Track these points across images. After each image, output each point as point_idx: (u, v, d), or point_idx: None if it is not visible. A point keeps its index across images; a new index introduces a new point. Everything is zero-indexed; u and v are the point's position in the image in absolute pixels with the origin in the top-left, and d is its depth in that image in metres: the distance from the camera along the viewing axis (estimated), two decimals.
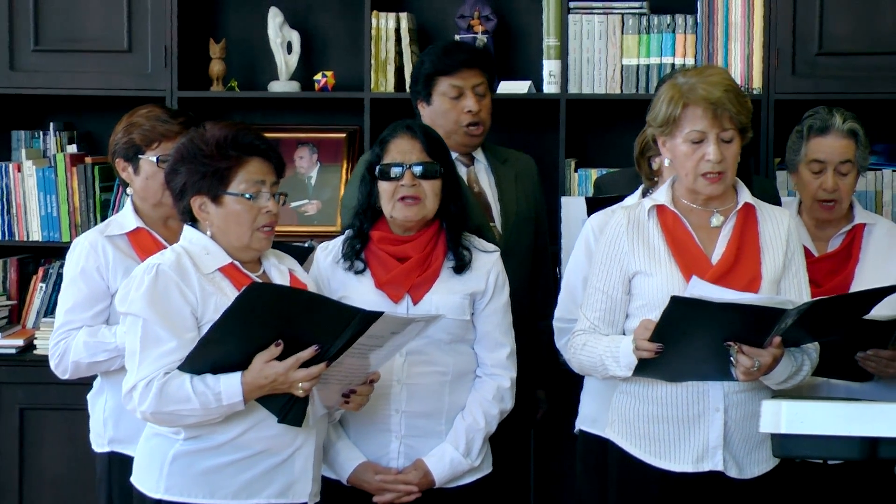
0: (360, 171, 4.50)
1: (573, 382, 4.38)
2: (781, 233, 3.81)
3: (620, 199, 4.32)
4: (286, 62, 5.71)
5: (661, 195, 3.83)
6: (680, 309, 3.53)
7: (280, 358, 3.51)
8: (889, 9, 5.17)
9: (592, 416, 4.26)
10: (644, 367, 3.67)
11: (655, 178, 4.20)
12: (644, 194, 4.21)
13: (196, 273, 3.59)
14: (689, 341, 3.61)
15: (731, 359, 3.62)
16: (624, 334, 3.79)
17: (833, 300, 3.79)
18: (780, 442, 3.50)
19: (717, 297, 3.54)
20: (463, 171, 4.64)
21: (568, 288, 4.24)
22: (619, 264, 3.79)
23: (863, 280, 4.18)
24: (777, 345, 3.61)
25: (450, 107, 4.58)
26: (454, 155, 4.61)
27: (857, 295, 3.90)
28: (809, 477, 4.06)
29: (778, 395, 3.72)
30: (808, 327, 3.68)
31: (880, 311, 3.93)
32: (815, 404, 3.52)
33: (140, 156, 4.20)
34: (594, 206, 4.39)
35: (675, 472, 3.76)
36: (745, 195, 3.82)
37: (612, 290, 3.80)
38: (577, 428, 4.36)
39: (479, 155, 4.67)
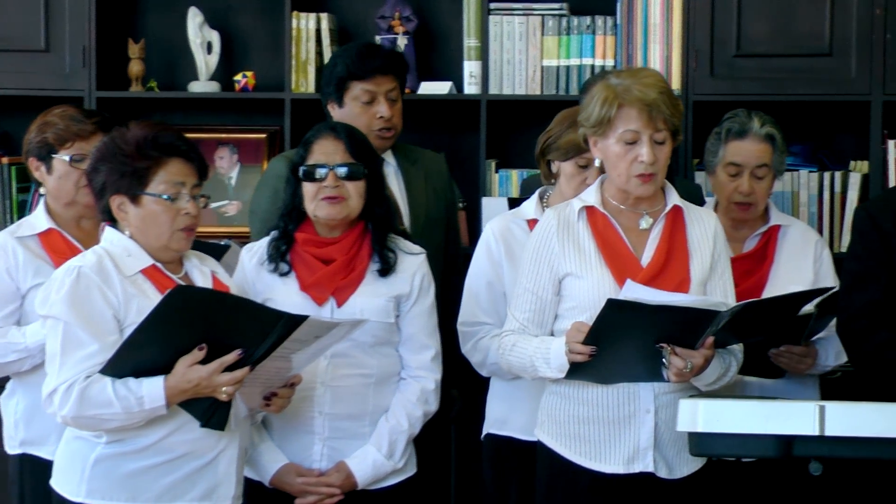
0: (269, 178, 4.52)
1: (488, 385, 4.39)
2: (709, 234, 3.83)
3: None
4: (206, 62, 5.69)
5: (591, 196, 3.82)
6: (615, 312, 3.54)
7: (204, 362, 3.50)
8: (805, 11, 5.22)
9: (501, 419, 4.25)
10: (575, 370, 3.67)
11: (553, 181, 4.20)
12: (541, 197, 4.22)
13: (118, 275, 3.55)
14: (622, 343, 3.62)
15: (664, 360, 3.63)
16: (553, 335, 3.79)
17: (764, 302, 3.83)
18: (697, 440, 3.52)
19: (652, 299, 3.55)
20: None
21: (471, 292, 4.22)
22: (549, 265, 3.79)
23: (777, 281, 4.23)
24: (709, 346, 3.63)
25: (361, 112, 4.54)
26: None
27: (788, 297, 3.94)
28: (737, 475, 4.09)
29: (695, 394, 3.74)
30: (735, 329, 3.71)
31: None
32: (731, 403, 3.54)
33: (53, 155, 4.18)
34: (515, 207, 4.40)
35: (605, 473, 3.76)
36: (674, 197, 3.83)
37: (541, 291, 3.80)
38: (484, 433, 4.34)
39: (388, 157, 4.63)
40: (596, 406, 3.76)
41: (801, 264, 4.29)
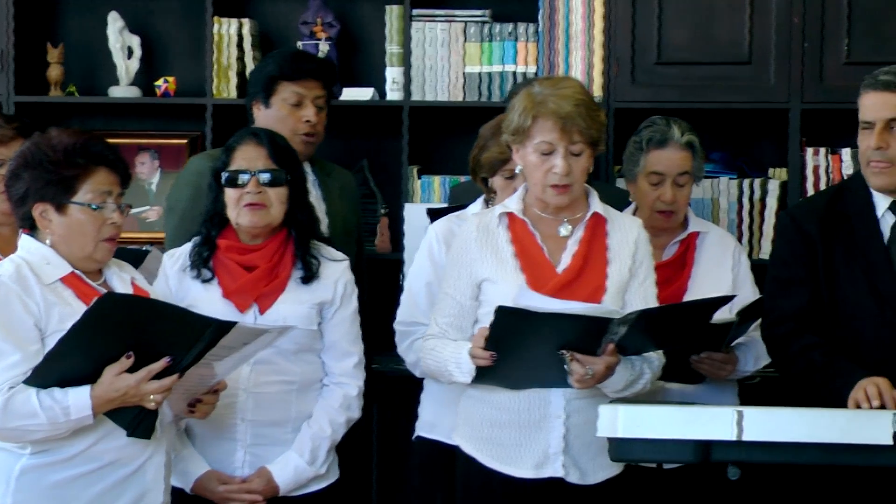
0: (188, 174, 4.50)
1: (415, 389, 4.39)
2: (630, 241, 3.84)
3: (461, 209, 4.33)
4: (127, 67, 5.66)
5: (513, 202, 3.84)
6: (506, 318, 3.55)
7: (131, 370, 3.47)
8: (724, 19, 5.26)
9: (432, 422, 4.27)
10: (484, 375, 3.69)
11: (493, 195, 4.22)
12: (486, 203, 4.23)
13: (38, 284, 3.52)
14: (523, 350, 3.63)
15: (566, 367, 3.65)
16: None
17: (665, 310, 3.84)
18: (617, 446, 3.54)
19: (543, 307, 3.57)
20: None
21: (410, 292, 4.24)
22: (468, 270, 3.80)
23: (696, 288, 4.25)
24: (610, 352, 3.64)
25: (288, 113, 4.54)
26: None
27: (691, 305, 3.96)
28: (652, 482, 4.11)
29: (615, 399, 3.76)
30: (649, 335, 3.74)
31: (715, 314, 4.00)
32: (650, 408, 3.57)
33: None
34: (436, 217, 4.40)
35: (517, 478, 3.77)
36: (596, 204, 3.85)
37: (461, 296, 3.81)
38: (415, 435, 4.36)
39: (307, 168, 4.65)
40: (508, 410, 3.77)
41: (720, 270, 4.31)
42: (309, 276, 3.96)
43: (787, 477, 3.98)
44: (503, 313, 3.55)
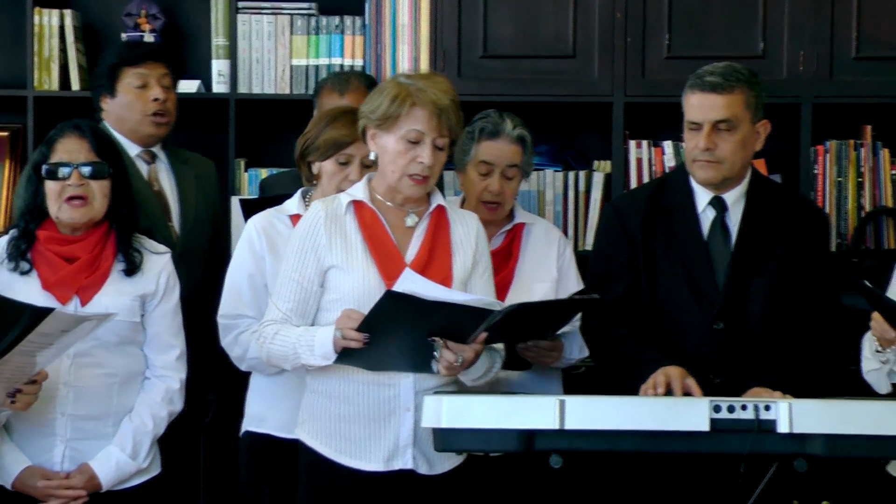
0: (28, 168, 4.43)
1: (244, 384, 4.37)
2: (471, 234, 3.90)
3: (275, 200, 4.31)
4: None
5: (359, 191, 3.85)
6: (393, 303, 3.55)
7: None
8: (549, 14, 5.32)
9: (260, 416, 4.24)
10: (345, 356, 3.68)
11: (315, 182, 4.21)
12: (304, 196, 4.23)
13: None
14: (395, 333, 3.63)
15: (435, 354, 3.67)
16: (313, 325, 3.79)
17: (536, 305, 3.88)
18: (442, 436, 3.56)
19: (429, 293, 3.57)
20: (144, 169, 4.63)
21: (232, 285, 4.20)
22: (315, 256, 3.79)
23: (522, 278, 4.31)
24: (481, 341, 3.68)
25: (135, 97, 4.57)
26: (136, 151, 4.59)
27: (559, 302, 4.03)
28: (497, 470, 4.14)
29: (439, 390, 3.78)
30: (512, 327, 3.77)
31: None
32: (474, 398, 3.60)
33: None
34: (249, 207, 4.38)
35: (366, 472, 3.78)
36: (438, 198, 3.89)
37: (307, 281, 3.80)
38: (243, 430, 4.32)
39: (160, 154, 4.64)
40: (356, 404, 3.77)
41: (545, 261, 4.37)
42: (131, 269, 3.93)
43: (609, 464, 4.04)
44: (391, 298, 3.54)
